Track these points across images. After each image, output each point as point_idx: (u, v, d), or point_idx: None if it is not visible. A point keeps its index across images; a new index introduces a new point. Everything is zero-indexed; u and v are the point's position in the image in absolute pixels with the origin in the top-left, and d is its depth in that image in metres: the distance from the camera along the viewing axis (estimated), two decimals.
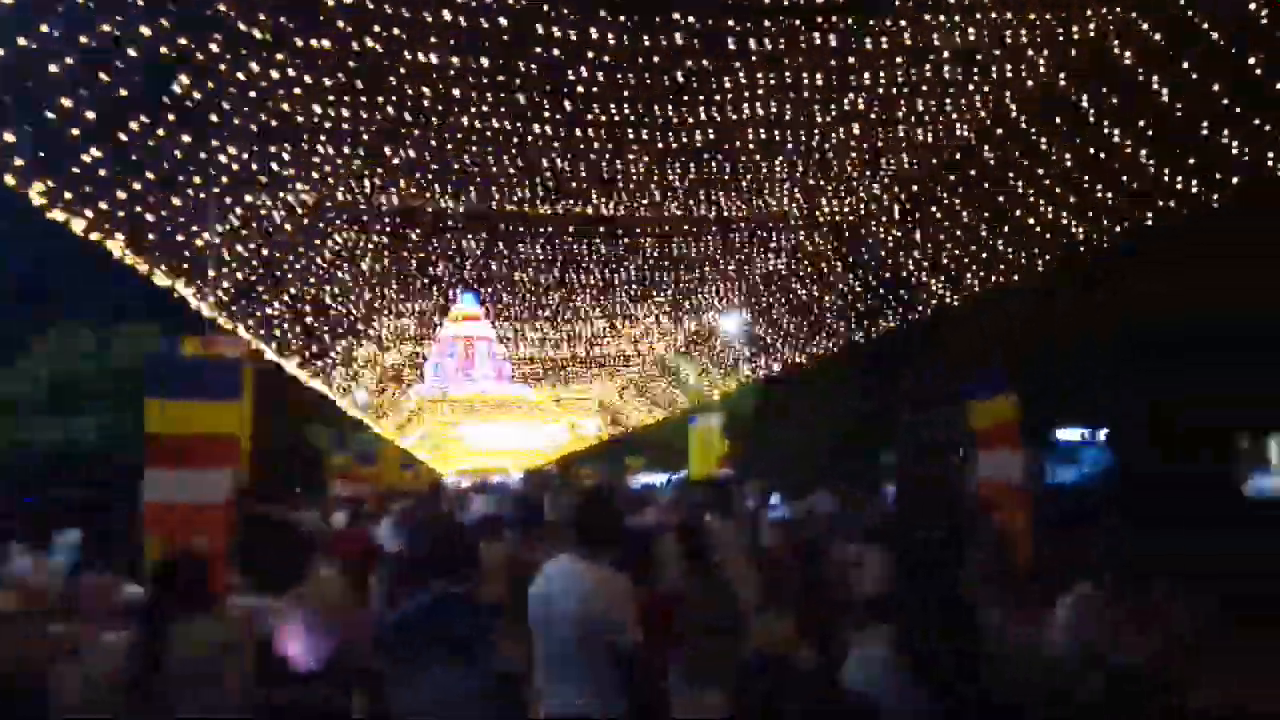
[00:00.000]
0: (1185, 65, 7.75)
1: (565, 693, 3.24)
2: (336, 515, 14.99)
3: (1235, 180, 8.23)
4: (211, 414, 9.46)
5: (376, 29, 7.82)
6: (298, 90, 9.21)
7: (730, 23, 8.37)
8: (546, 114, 10.39)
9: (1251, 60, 7.32)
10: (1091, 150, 9.21)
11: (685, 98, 9.96)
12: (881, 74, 9.09)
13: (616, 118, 10.47)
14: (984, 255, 12.08)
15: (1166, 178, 8.79)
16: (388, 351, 21.44)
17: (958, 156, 10.71)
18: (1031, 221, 10.66)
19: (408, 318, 19.01)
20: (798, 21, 8.42)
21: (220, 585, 9.91)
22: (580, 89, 9.54)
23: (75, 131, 7.04)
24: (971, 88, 9.31)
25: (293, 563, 3.68)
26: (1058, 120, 9.41)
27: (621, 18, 8.27)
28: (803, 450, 25.45)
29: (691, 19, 8.21)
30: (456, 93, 9.81)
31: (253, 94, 8.59)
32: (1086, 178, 9.58)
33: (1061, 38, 8.67)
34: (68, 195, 7.61)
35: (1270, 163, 7.88)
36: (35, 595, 5.15)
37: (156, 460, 9.15)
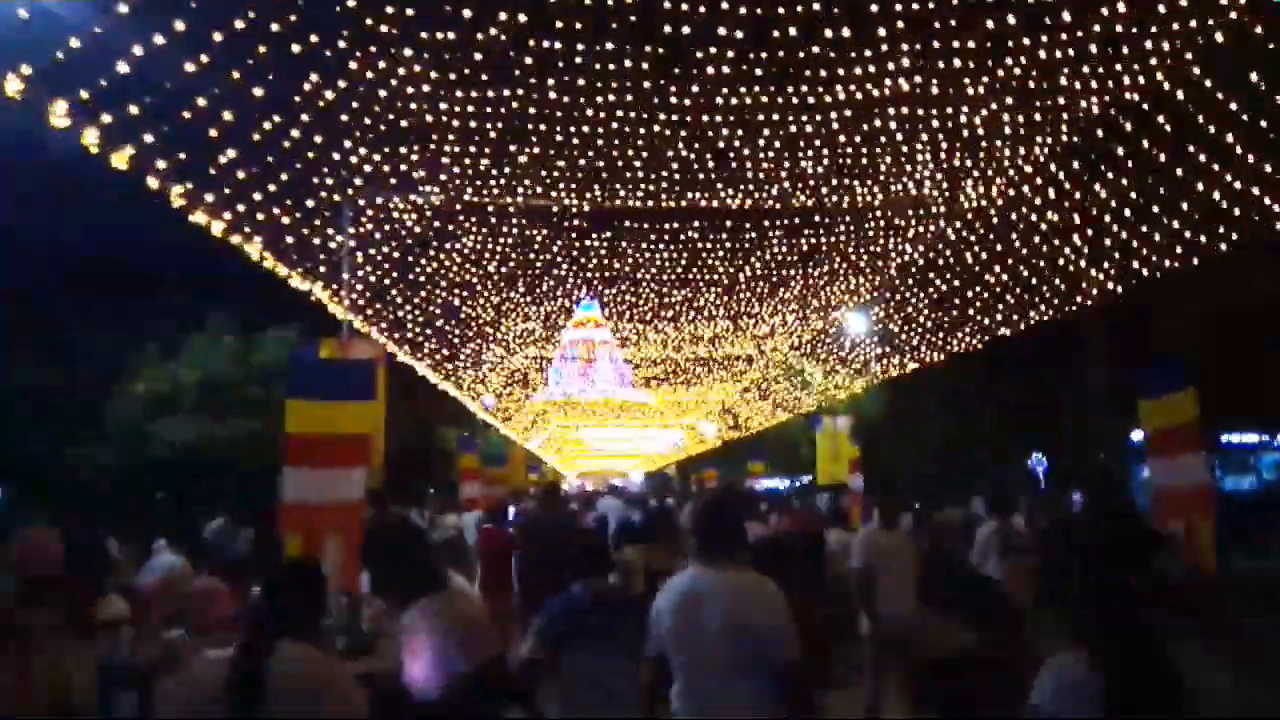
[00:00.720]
0: None
1: (713, 711, 2.97)
2: (467, 516, 15.14)
3: None
4: (347, 414, 9.49)
5: (501, 15, 7.58)
6: (425, 87, 9.15)
7: None
8: (673, 101, 9.98)
9: None
10: None
11: (822, 73, 9.36)
12: (1042, 35, 8.21)
13: (747, 100, 9.97)
14: (1156, 238, 10.89)
15: None
16: (514, 355, 21.60)
17: (1127, 126, 9.62)
18: (1216, 196, 9.49)
19: (533, 320, 19.05)
20: None
21: (354, 585, 9.76)
22: (710, 69, 9.09)
23: (213, 133, 7.12)
24: (1148, 43, 8.29)
25: (423, 570, 3.31)
26: (1251, 76, 8.27)
27: None
28: (937, 455, 24.22)
29: None
30: (581, 82, 9.54)
31: (381, 92, 8.56)
32: None
33: None
34: (208, 198, 7.73)
35: None
36: (162, 596, 5.08)
37: (295, 459, 9.18)
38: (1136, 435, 23.14)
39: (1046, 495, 13.93)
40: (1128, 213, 10.81)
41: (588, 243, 14.10)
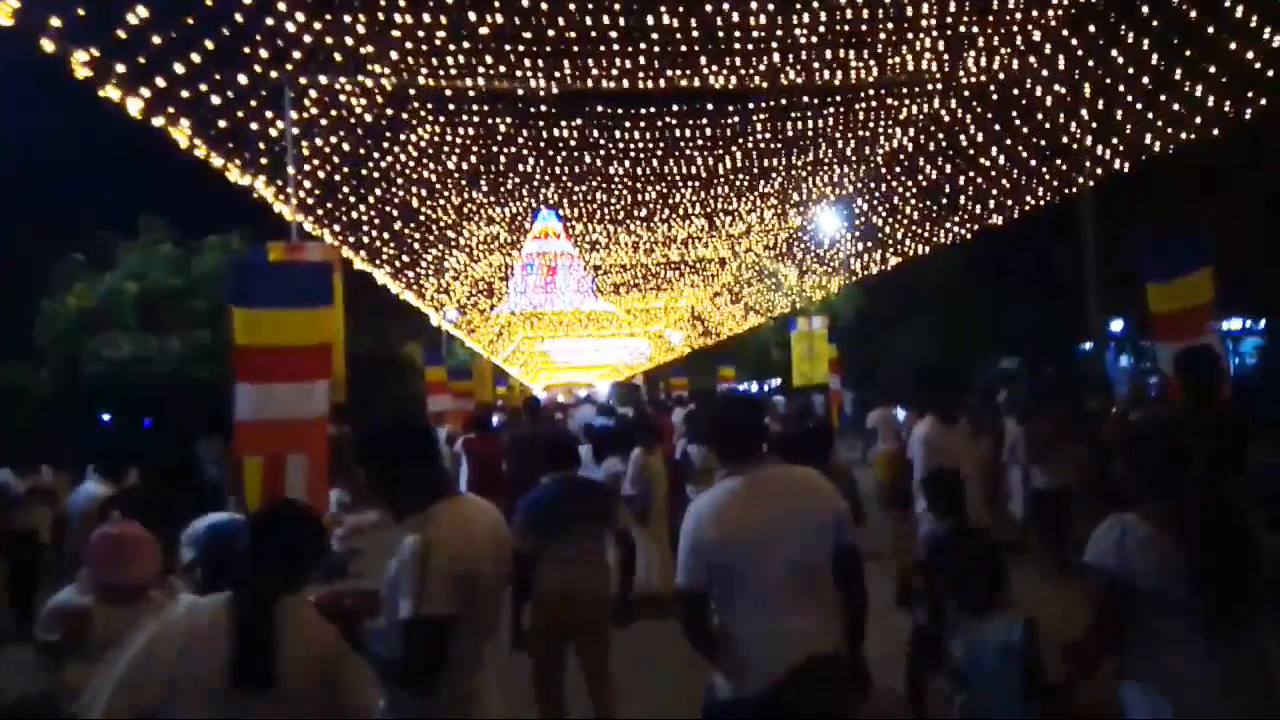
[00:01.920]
0: None
1: (797, 627, 2.69)
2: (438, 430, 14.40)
3: None
4: (302, 322, 8.50)
5: None
6: None
7: None
8: None
9: None
10: None
11: None
12: None
13: None
14: (1175, 107, 10.08)
15: None
16: (478, 262, 20.47)
17: None
18: (1251, 56, 8.66)
19: (498, 224, 17.90)
20: None
21: (323, 505, 8.98)
22: None
23: None
24: None
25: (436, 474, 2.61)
26: None
27: None
28: (924, 355, 23.74)
29: None
30: None
31: None
32: None
33: None
34: (119, 69, 6.53)
35: None
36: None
37: (247, 374, 8.27)
38: (1116, 325, 22.91)
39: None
40: (1145, 80, 9.96)
41: (555, 132, 12.92)
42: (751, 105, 12.60)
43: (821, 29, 10.06)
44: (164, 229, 14.25)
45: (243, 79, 7.88)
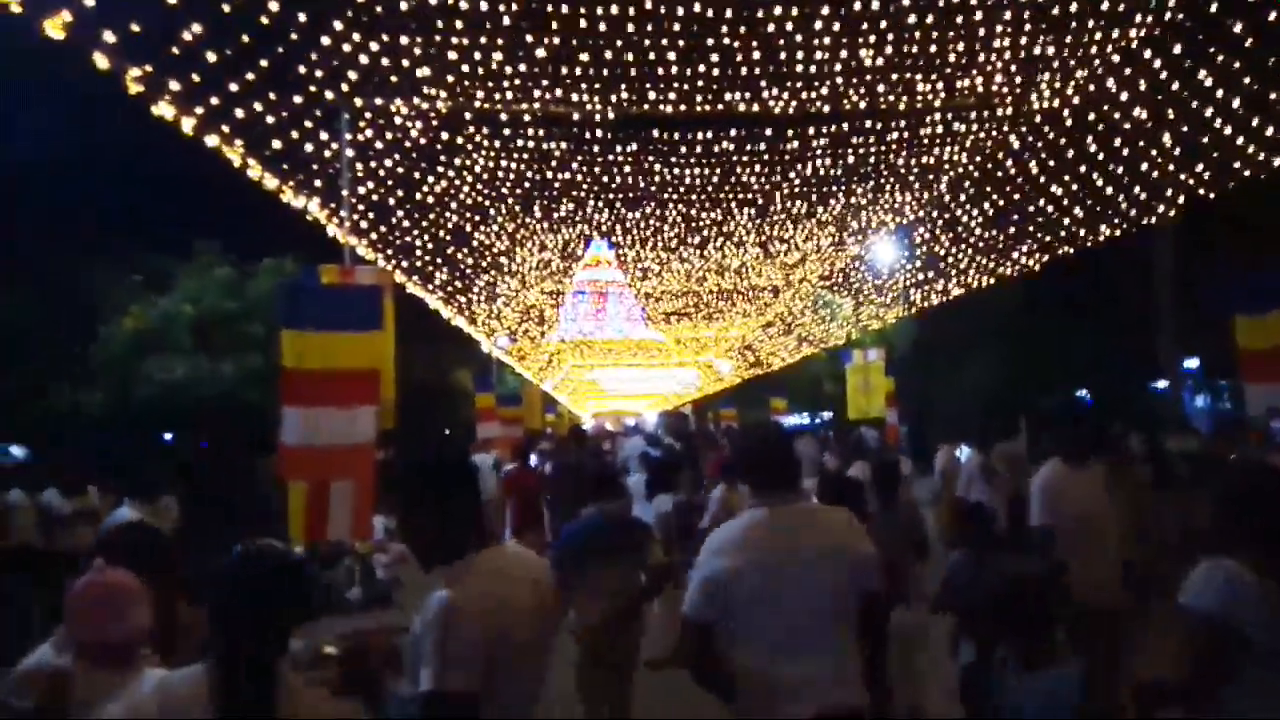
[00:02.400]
0: None
1: (814, 671, 2.60)
2: (484, 457, 14.24)
3: None
4: (352, 346, 8.30)
5: None
6: None
7: None
8: None
9: None
10: None
11: None
12: None
13: None
14: (1269, 131, 9.46)
15: None
16: (530, 288, 20.35)
17: None
18: None
19: (550, 250, 17.74)
20: None
21: (367, 532, 8.60)
22: None
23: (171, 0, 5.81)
24: None
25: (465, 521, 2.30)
26: None
27: None
28: (989, 389, 22.95)
29: None
30: None
31: None
32: None
33: None
34: (173, 86, 6.43)
35: None
36: None
37: (294, 398, 8.04)
38: (1191, 363, 21.88)
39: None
40: (1236, 103, 9.36)
41: (611, 157, 12.69)
42: (812, 130, 12.24)
43: (889, 49, 9.68)
44: (218, 252, 14.38)
45: (297, 99, 7.78)
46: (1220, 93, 9.34)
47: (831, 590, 2.66)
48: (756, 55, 9.73)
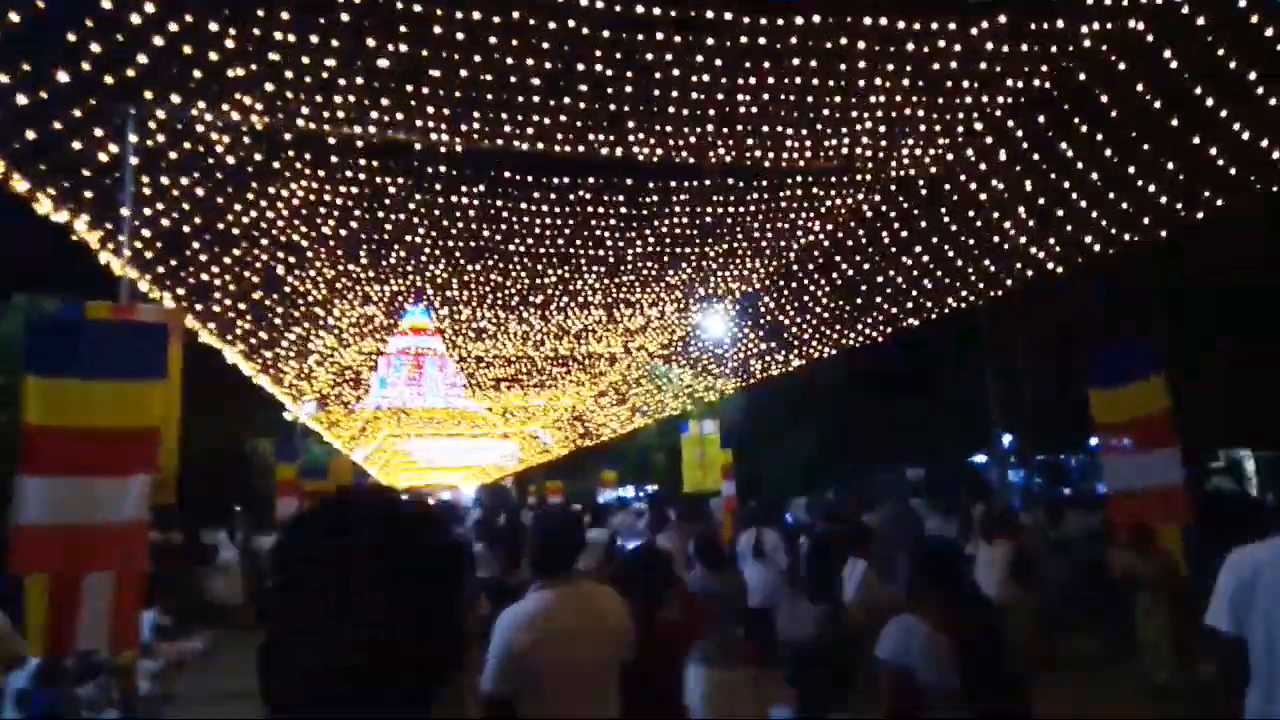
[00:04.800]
0: None
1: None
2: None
3: None
4: (124, 398, 6.63)
5: None
6: None
7: None
8: (584, 4, 7.67)
9: None
10: None
11: None
12: None
13: (690, 11, 7.83)
14: (1124, 206, 9.63)
15: None
16: (347, 347, 18.33)
17: (1120, 64, 8.21)
18: (1214, 153, 8.22)
19: (375, 303, 15.97)
20: None
21: (131, 635, 6.86)
22: None
23: None
24: None
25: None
26: None
27: None
28: (823, 460, 22.99)
29: None
30: None
31: None
32: None
33: None
34: None
35: None
36: None
37: (38, 463, 6.29)
38: (1006, 439, 22.92)
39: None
40: (1094, 176, 9.48)
41: (454, 198, 11.39)
42: (673, 183, 11.55)
43: (765, 96, 9.12)
44: None
45: (63, 76, 6.01)
46: (1080, 164, 9.43)
47: (608, 659, 3.18)
48: (628, 90, 8.87)
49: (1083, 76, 8.51)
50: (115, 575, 6.34)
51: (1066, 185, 9.85)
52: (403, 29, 7.56)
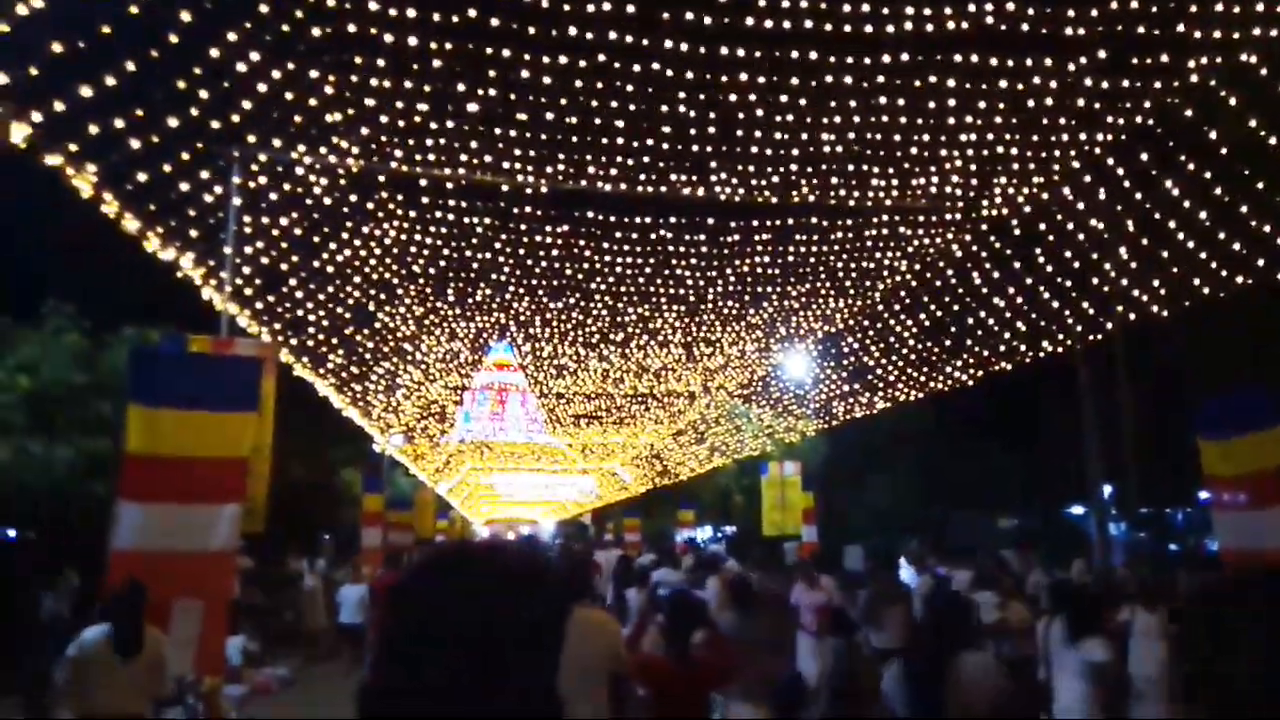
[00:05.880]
0: None
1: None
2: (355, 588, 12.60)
3: None
4: (218, 429, 6.79)
5: None
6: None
7: None
8: (668, 47, 7.72)
9: None
10: None
11: (864, 27, 7.26)
12: None
13: (759, 54, 7.79)
14: (1236, 246, 9.10)
15: None
16: (434, 381, 18.73)
17: (1231, 100, 7.80)
18: None
19: (460, 339, 16.30)
20: None
21: (215, 664, 6.94)
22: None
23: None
24: None
25: None
26: None
27: None
28: (907, 505, 22.28)
29: None
30: (552, 6, 7.20)
31: None
32: None
33: None
34: (35, 117, 4.96)
35: None
36: None
37: (135, 490, 6.48)
38: (1108, 489, 21.73)
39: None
40: (1203, 214, 9.00)
41: (538, 238, 11.57)
42: (756, 222, 11.47)
43: (851, 135, 8.99)
44: (72, 315, 12.31)
45: (173, 121, 6.34)
46: (1187, 203, 8.97)
47: (595, 668, 4.16)
48: (710, 131, 8.88)
49: (1189, 112, 8.11)
50: (204, 603, 6.52)
51: (1172, 225, 9.38)
52: (491, 74, 7.75)
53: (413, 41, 7.18)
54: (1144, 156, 8.98)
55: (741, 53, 7.78)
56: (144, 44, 5.99)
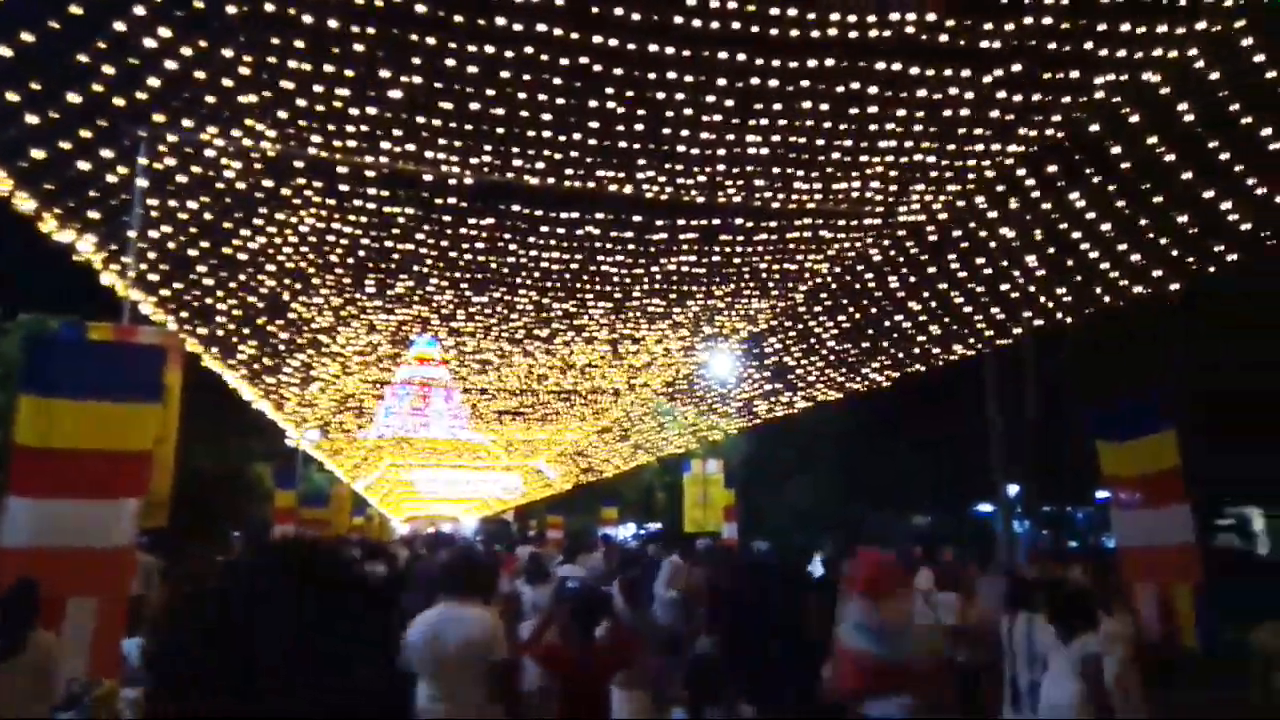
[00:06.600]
0: None
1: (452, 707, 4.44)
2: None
3: None
4: (119, 421, 6.54)
5: None
6: None
7: None
8: (597, 41, 7.70)
9: None
10: None
11: (791, 32, 7.36)
12: None
13: (697, 53, 7.84)
14: (1135, 258, 9.55)
15: None
16: (351, 375, 18.27)
17: (1133, 117, 8.18)
18: (1228, 207, 8.16)
19: (379, 332, 15.93)
20: None
21: (110, 666, 6.68)
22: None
23: None
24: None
25: None
26: None
27: None
28: (828, 504, 22.73)
29: None
30: None
31: None
32: None
33: None
34: None
35: None
36: None
37: (24, 484, 6.21)
38: (1012, 489, 22.62)
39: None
40: (1106, 226, 9.42)
41: (462, 230, 11.38)
42: (682, 221, 11.52)
43: (776, 138, 9.11)
44: None
45: (74, 97, 6.02)
46: (1092, 214, 9.37)
47: (474, 656, 4.45)
48: (639, 128, 8.88)
49: (1095, 127, 8.47)
50: (99, 602, 6.21)
51: (1077, 235, 9.78)
52: (415, 61, 7.58)
53: (333, 24, 6.97)
54: (1052, 168, 9.33)
55: (670, 51, 7.81)
56: (42, 14, 5.68)
